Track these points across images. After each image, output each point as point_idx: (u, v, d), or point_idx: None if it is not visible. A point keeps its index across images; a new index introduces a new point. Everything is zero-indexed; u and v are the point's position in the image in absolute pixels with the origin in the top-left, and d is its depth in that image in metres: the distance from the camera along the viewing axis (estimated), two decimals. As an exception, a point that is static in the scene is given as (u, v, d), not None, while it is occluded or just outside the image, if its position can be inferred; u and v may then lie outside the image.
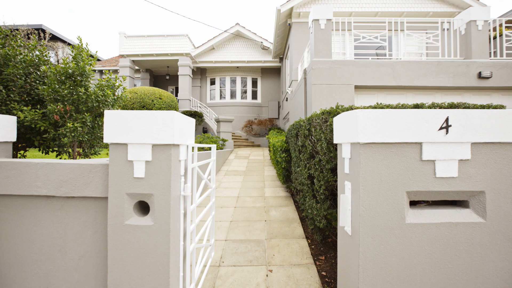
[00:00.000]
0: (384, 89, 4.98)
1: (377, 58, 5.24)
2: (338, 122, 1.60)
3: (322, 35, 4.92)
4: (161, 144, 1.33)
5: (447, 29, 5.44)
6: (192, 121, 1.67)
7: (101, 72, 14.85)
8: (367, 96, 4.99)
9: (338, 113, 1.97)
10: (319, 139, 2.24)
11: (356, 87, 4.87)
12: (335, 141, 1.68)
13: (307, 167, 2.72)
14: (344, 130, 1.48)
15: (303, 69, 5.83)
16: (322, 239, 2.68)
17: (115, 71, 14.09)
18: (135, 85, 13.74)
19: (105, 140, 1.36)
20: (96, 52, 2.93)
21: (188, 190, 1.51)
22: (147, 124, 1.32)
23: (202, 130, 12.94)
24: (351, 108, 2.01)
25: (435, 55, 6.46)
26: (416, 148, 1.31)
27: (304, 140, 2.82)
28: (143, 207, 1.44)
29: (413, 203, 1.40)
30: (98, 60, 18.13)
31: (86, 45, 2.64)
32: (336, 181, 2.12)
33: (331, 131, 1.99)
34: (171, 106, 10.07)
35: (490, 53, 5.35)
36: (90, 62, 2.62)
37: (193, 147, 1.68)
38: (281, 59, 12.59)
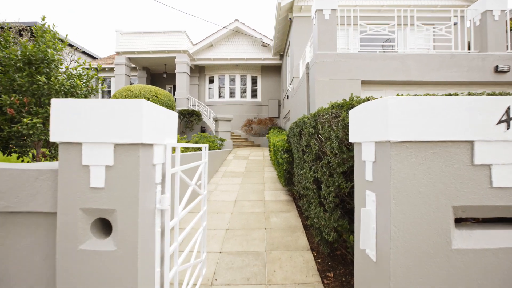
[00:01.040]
0: (393, 84, 4.64)
1: (384, 51, 4.90)
2: (356, 115, 1.27)
3: (326, 26, 4.57)
4: (126, 144, 1.01)
5: (458, 23, 5.09)
6: (173, 115, 1.34)
7: (96, 70, 14.50)
8: (375, 92, 4.65)
9: (353, 105, 1.64)
10: (328, 137, 1.91)
11: (363, 82, 4.53)
12: (351, 140, 1.35)
13: (313, 170, 2.39)
14: (366, 125, 1.15)
15: (305, 64, 5.49)
16: (330, 252, 2.35)
17: (112, 69, 13.75)
18: (131, 83, 13.40)
19: (52, 138, 1.03)
20: (66, 35, 2.52)
21: (166, 202, 1.18)
22: (107, 117, 0.99)
23: (200, 129, 12.61)
24: (367, 99, 1.68)
25: (446, 49, 6.10)
26: (466, 148, 0.98)
27: (309, 139, 2.49)
28: (106, 226, 1.11)
29: (457, 220, 1.07)
30: (94, 57, 17.79)
31: (53, 26, 2.23)
32: (348, 187, 1.79)
33: (344, 127, 1.66)
34: (168, 105, 9.74)
35: (506, 46, 5.01)
36: (54, 45, 2.21)
37: (174, 148, 1.35)
38: (281, 57, 12.23)
